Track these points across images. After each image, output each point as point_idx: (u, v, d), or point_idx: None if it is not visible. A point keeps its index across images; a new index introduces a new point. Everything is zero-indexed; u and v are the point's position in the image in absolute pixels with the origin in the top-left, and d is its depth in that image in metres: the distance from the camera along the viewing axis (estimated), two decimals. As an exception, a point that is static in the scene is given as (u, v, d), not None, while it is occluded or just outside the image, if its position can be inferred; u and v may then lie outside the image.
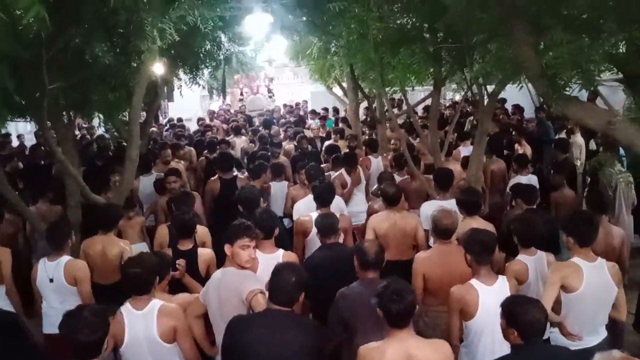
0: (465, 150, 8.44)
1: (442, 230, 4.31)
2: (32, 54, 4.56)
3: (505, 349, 3.53)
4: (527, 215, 4.76)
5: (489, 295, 3.62)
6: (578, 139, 8.83)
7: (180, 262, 4.18)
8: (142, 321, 3.37)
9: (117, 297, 4.04)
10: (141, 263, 3.50)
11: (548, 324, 3.41)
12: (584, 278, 3.72)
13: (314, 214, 5.06)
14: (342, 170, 7.19)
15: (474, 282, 3.70)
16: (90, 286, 4.51)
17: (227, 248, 3.64)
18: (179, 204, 5.39)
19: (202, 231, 5.17)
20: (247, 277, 3.58)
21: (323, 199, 5.17)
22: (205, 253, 4.69)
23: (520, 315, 2.90)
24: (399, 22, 6.20)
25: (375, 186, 6.94)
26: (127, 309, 3.41)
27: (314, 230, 4.91)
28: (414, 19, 6.05)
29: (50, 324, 4.42)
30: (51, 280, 4.43)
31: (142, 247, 5.81)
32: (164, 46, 5.53)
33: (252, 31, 8.27)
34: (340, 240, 4.93)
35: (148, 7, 5.17)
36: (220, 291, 3.58)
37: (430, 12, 5.37)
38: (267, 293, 3.28)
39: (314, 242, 4.99)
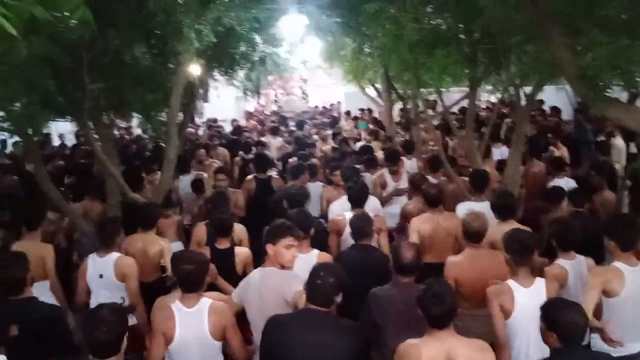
0: (497, 152, 8.32)
1: (472, 233, 4.27)
2: (74, 57, 4.69)
3: (539, 352, 3.50)
4: (566, 219, 4.68)
5: (525, 296, 3.58)
6: (618, 142, 8.64)
7: (212, 268, 4.16)
8: (193, 319, 3.38)
9: (157, 294, 4.16)
10: (193, 260, 3.54)
11: (588, 329, 3.35)
12: (626, 283, 3.64)
13: (348, 214, 5.07)
14: (385, 171, 7.17)
15: (510, 282, 3.66)
16: (137, 283, 4.58)
17: (269, 247, 3.63)
18: (215, 203, 5.45)
19: (239, 229, 5.22)
20: (291, 277, 3.58)
21: (357, 200, 5.18)
22: (243, 252, 4.75)
23: (561, 319, 2.87)
24: (434, 22, 6.16)
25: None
26: (177, 307, 3.42)
27: (348, 230, 4.93)
28: (449, 20, 6.00)
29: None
30: (101, 276, 4.52)
31: (179, 246, 5.86)
32: (200, 47, 5.62)
33: (287, 32, 8.31)
34: (374, 241, 4.95)
35: (185, 9, 5.27)
36: (261, 291, 3.59)
37: (466, 13, 5.34)
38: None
39: (348, 242, 4.98)
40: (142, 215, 5.28)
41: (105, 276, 4.52)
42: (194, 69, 6.44)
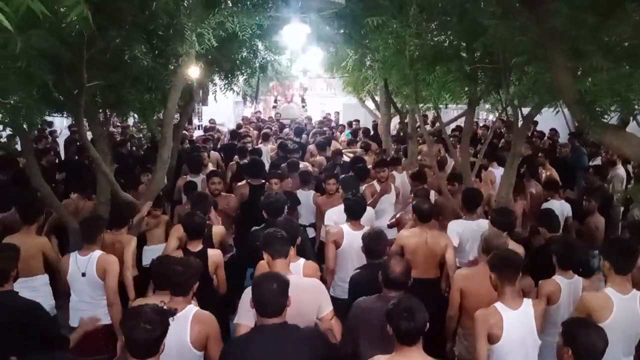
0: (496, 172, 8.32)
1: (491, 250, 4.12)
2: (73, 52, 4.67)
3: None
4: (568, 239, 4.72)
5: (514, 319, 3.55)
6: (620, 170, 8.53)
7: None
8: (175, 325, 3.26)
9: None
10: (184, 263, 3.53)
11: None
12: (614, 311, 3.62)
13: (345, 226, 5.06)
14: (374, 182, 7.22)
15: (498, 305, 3.61)
16: (116, 281, 4.52)
17: (264, 255, 3.75)
18: (194, 204, 5.38)
19: (218, 230, 5.25)
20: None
21: (353, 212, 5.15)
22: (214, 254, 4.71)
23: (581, 337, 2.90)
24: (436, 39, 6.18)
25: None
26: None
27: (345, 242, 4.96)
28: (451, 37, 6.01)
29: (78, 318, 4.42)
30: (83, 275, 4.46)
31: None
32: (201, 51, 5.61)
33: (289, 41, 8.30)
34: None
35: (189, 12, 5.26)
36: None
37: (468, 31, 5.35)
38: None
39: (344, 253, 5.01)
40: (113, 214, 5.29)
41: (87, 274, 4.47)
42: (194, 72, 6.44)
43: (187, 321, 3.36)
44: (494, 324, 3.54)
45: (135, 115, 7.13)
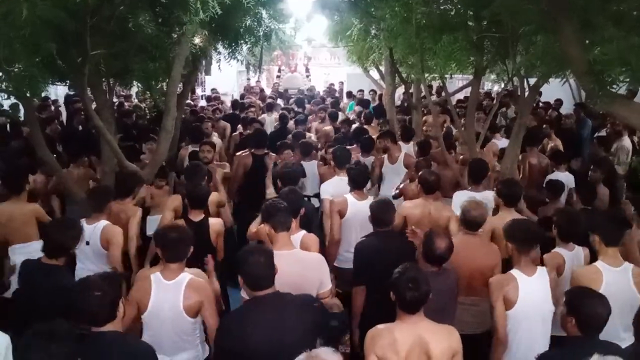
0: (499, 143, 8.29)
1: (469, 220, 4.26)
2: (77, 20, 4.62)
3: (541, 341, 3.61)
4: (572, 211, 4.72)
5: (529, 285, 3.60)
6: (626, 142, 8.48)
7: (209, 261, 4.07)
8: (169, 292, 3.39)
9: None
10: (179, 230, 3.56)
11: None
12: (603, 284, 3.63)
13: (349, 196, 5.06)
14: (385, 156, 7.21)
15: (514, 272, 3.67)
16: (120, 252, 4.57)
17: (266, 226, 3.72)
18: (189, 174, 5.36)
19: (214, 198, 5.19)
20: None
21: (357, 181, 5.15)
22: (215, 223, 4.72)
23: (584, 306, 2.93)
24: (443, 7, 6.10)
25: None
26: (156, 278, 3.43)
27: (349, 212, 4.96)
28: (458, 6, 5.93)
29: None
30: (87, 243, 4.49)
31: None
32: (205, 19, 5.55)
33: (294, 9, 8.21)
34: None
35: (192, -21, 5.19)
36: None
37: (476, -1, 5.27)
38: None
39: (348, 223, 5.01)
40: (118, 184, 5.30)
41: (92, 243, 4.51)
42: (198, 40, 6.38)
43: (180, 288, 3.40)
44: (509, 290, 3.59)
45: (139, 85, 7.07)
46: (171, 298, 3.38)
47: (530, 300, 3.56)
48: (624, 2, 3.68)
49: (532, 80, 6.18)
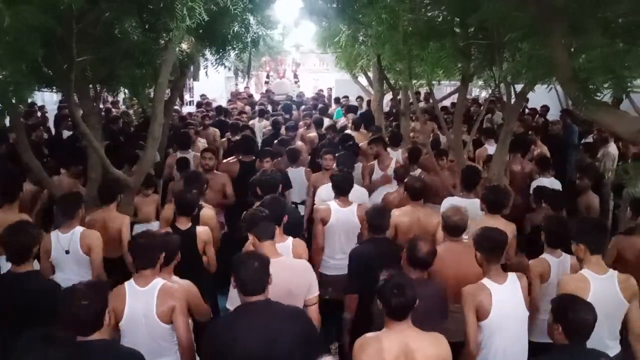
0: (491, 148, 8.30)
1: (451, 226, 4.26)
2: (63, 26, 4.59)
3: (518, 346, 3.61)
4: (560, 217, 4.73)
5: (502, 293, 3.59)
6: (612, 149, 8.47)
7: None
8: (142, 298, 3.40)
9: (119, 271, 4.18)
10: (147, 236, 3.58)
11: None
12: (591, 292, 3.61)
13: (333, 203, 5.06)
14: (375, 162, 7.21)
15: (485, 281, 3.65)
16: (101, 256, 4.54)
17: (250, 236, 3.71)
18: (187, 183, 5.33)
19: (206, 213, 5.14)
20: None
21: (341, 188, 5.14)
22: (203, 231, 4.69)
23: (571, 313, 2.92)
24: (430, 14, 6.12)
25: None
26: (130, 285, 3.45)
27: (332, 219, 4.95)
28: (445, 13, 5.96)
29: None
30: (67, 252, 4.46)
31: (157, 225, 5.80)
32: (192, 25, 5.53)
33: (281, 15, 8.22)
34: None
35: (179, -15, 5.17)
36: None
37: (463, 6, 5.29)
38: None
39: (332, 230, 5.00)
40: (102, 190, 5.27)
41: (72, 251, 4.47)
42: (185, 47, 6.36)
43: (153, 294, 3.41)
44: (483, 299, 3.58)
45: (126, 91, 7.03)
46: (145, 305, 3.39)
47: (504, 308, 3.54)
48: (612, 9, 3.69)
49: (519, 87, 6.21)
